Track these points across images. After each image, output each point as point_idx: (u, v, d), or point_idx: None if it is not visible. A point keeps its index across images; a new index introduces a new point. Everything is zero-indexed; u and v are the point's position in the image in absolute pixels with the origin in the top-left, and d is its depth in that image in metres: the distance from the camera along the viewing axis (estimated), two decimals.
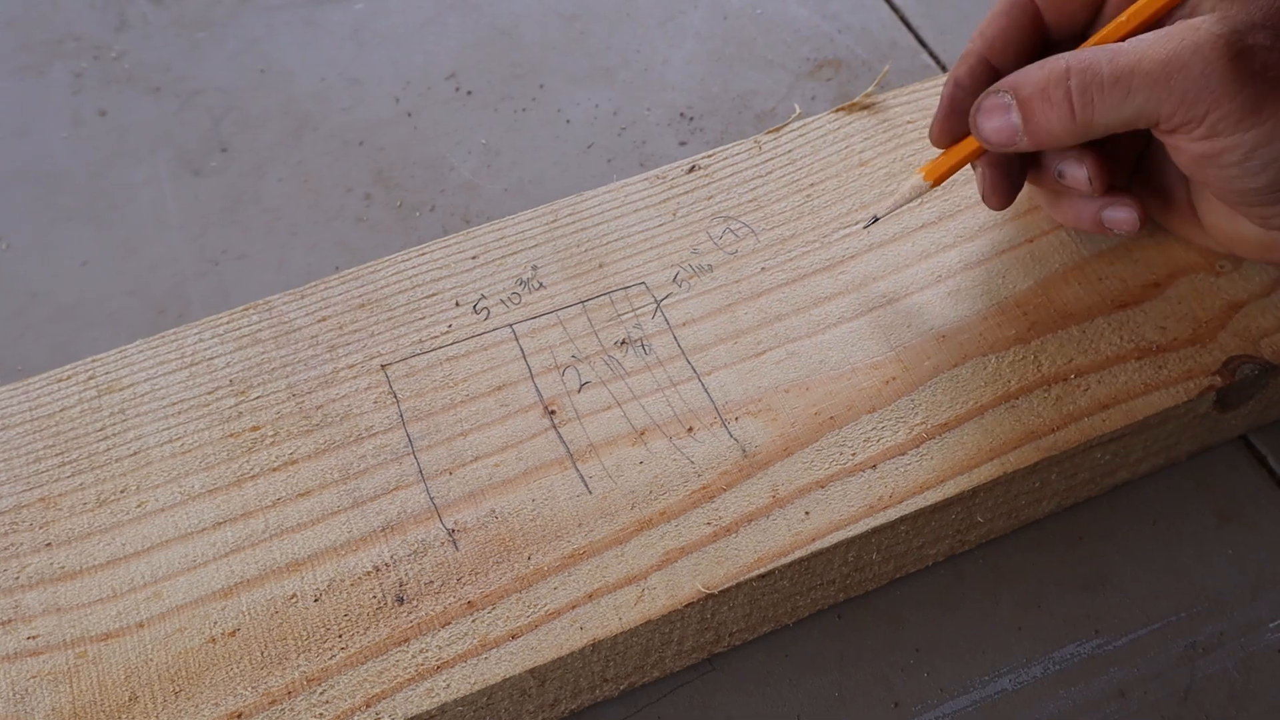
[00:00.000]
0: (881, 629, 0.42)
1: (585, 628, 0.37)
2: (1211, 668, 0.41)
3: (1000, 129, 0.39)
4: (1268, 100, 0.34)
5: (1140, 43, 0.35)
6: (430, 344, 0.44)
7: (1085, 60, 0.36)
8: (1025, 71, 0.38)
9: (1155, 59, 0.35)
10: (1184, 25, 0.35)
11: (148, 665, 0.37)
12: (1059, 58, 0.37)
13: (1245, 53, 0.34)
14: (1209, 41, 0.34)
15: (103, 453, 0.41)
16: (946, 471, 0.40)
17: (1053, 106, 0.37)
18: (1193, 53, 0.34)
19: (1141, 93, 0.35)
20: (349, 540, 0.39)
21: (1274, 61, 0.34)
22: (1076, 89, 0.36)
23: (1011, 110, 0.38)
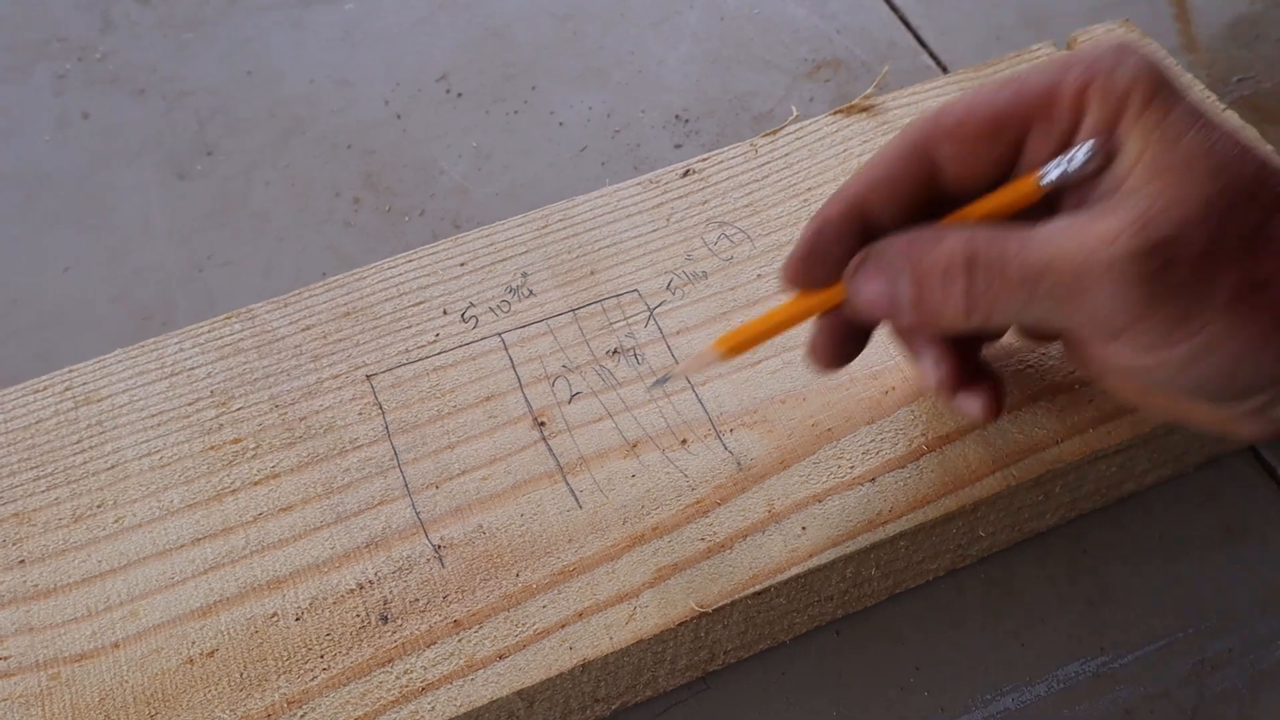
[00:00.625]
0: (880, 646, 0.41)
1: (575, 647, 0.36)
2: (1220, 685, 0.40)
3: (881, 297, 0.33)
4: (1194, 314, 0.30)
5: (1054, 238, 0.31)
6: (417, 354, 0.42)
7: (990, 248, 0.31)
8: (919, 241, 0.33)
9: (1065, 268, 0.30)
10: (1100, 226, 0.30)
11: (123, 687, 0.36)
12: (961, 235, 0.32)
13: (1166, 266, 0.29)
14: (1122, 259, 0.29)
15: (79, 466, 0.40)
16: (947, 485, 0.39)
17: (947, 296, 0.32)
18: (1105, 269, 0.29)
19: (1047, 303, 0.31)
20: (332, 557, 0.38)
21: (1205, 266, 0.30)
22: (979, 280, 0.31)
23: (899, 284, 0.33)
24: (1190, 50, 0.59)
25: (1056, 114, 0.32)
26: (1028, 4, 0.62)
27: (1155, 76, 0.31)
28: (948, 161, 0.34)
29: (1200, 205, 0.30)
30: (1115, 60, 0.32)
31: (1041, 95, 0.32)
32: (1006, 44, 0.60)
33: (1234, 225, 0.30)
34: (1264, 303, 0.30)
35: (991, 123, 0.33)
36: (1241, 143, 0.30)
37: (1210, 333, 0.30)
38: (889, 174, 0.34)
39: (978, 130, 0.33)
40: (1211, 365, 0.31)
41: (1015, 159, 0.33)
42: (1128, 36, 0.33)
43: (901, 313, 0.33)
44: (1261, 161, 0.30)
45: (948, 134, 0.33)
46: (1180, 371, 0.31)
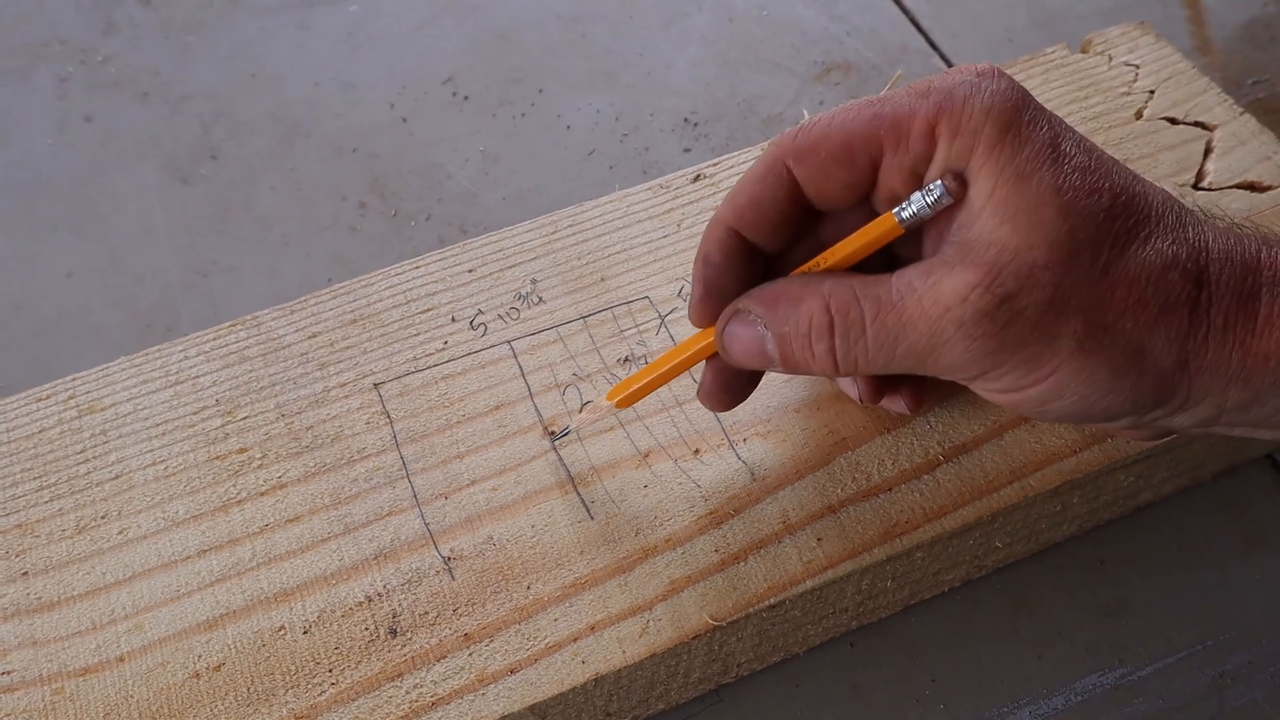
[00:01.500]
0: (896, 658, 0.41)
1: (587, 661, 0.36)
2: (1240, 699, 0.40)
3: (752, 354, 0.34)
4: (1043, 360, 0.30)
5: (905, 296, 0.31)
6: (425, 362, 0.42)
7: (849, 311, 0.32)
8: (783, 299, 0.33)
9: (919, 329, 0.31)
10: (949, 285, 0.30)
11: (128, 702, 0.35)
12: (817, 293, 0.32)
13: (1014, 320, 0.30)
14: (974, 318, 0.30)
15: (83, 476, 0.39)
16: (964, 495, 0.38)
17: (814, 355, 0.33)
18: (956, 328, 0.30)
19: (906, 360, 0.32)
20: (340, 569, 0.37)
21: (1051, 314, 0.30)
22: (839, 344, 0.32)
23: (766, 341, 0.34)
24: (1204, 52, 0.58)
25: (909, 144, 0.32)
26: (1039, 6, 0.61)
27: (1009, 110, 0.31)
28: (805, 182, 0.34)
29: (1046, 251, 0.30)
30: (968, 91, 0.31)
31: (895, 124, 0.32)
32: (1018, 46, 0.59)
33: (1080, 269, 0.30)
34: (1108, 347, 0.30)
35: (844, 148, 0.33)
36: (1092, 179, 0.30)
37: (1059, 377, 0.31)
38: (753, 196, 0.34)
39: (831, 154, 0.33)
40: (1065, 404, 0.31)
41: (871, 181, 0.33)
42: (984, 66, 0.32)
43: (773, 366, 0.34)
44: (1114, 192, 0.30)
45: (802, 156, 0.33)
46: (1038, 407, 0.32)
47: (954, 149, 0.31)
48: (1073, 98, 0.49)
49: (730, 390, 0.37)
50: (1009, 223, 0.30)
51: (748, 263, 0.35)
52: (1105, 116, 0.48)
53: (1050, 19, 0.61)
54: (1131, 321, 0.30)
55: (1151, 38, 0.51)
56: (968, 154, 0.31)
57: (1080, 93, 0.50)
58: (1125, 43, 0.51)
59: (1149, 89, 0.49)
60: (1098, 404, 0.31)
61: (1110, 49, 0.51)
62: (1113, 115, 0.49)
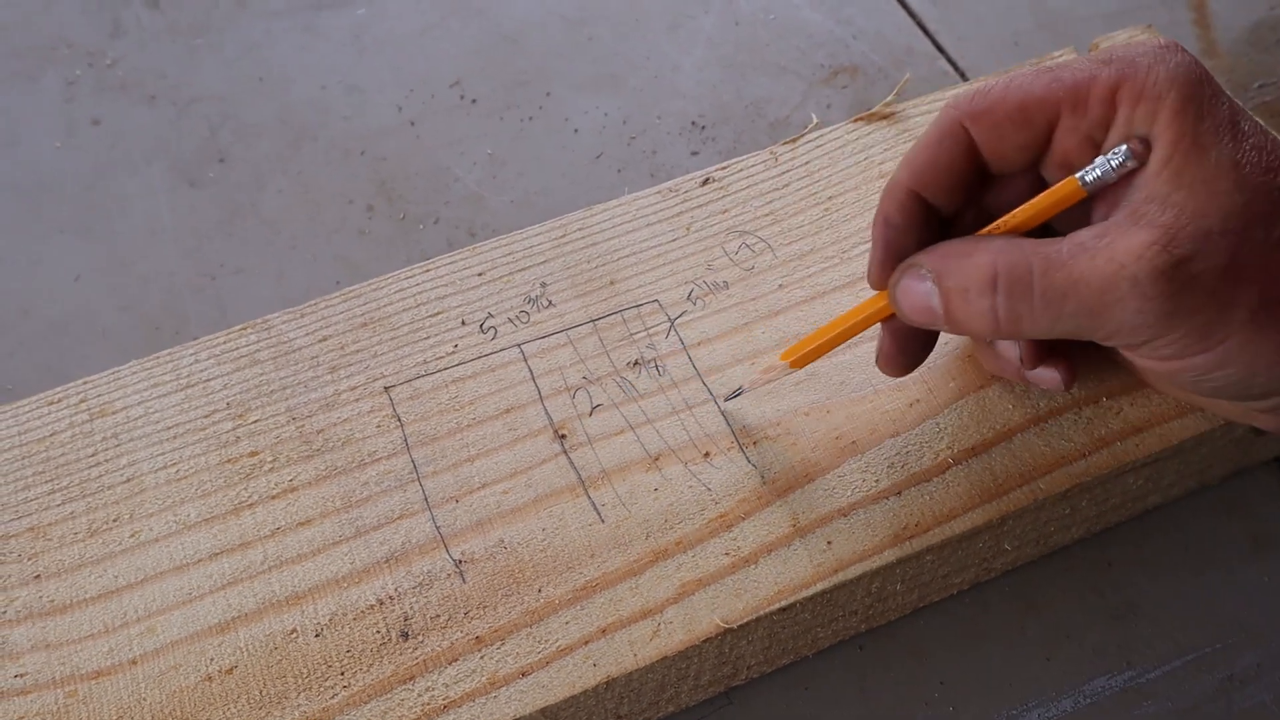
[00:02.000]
0: (905, 661, 0.41)
1: (599, 664, 0.36)
2: (1248, 701, 0.40)
3: (919, 309, 0.34)
4: (1215, 329, 0.31)
5: (1077, 255, 0.31)
6: (435, 365, 0.42)
7: (1016, 267, 0.32)
8: (952, 254, 0.34)
9: (1091, 285, 0.31)
10: (1124, 244, 0.30)
11: (141, 705, 0.35)
12: (987, 249, 0.33)
13: (1190, 283, 0.30)
14: (1149, 276, 0.30)
15: (94, 480, 0.40)
16: (974, 498, 0.38)
17: (976, 311, 0.33)
18: (1131, 286, 0.30)
19: (1073, 319, 0.32)
20: (351, 572, 0.37)
21: (1226, 282, 0.30)
22: (1003, 300, 0.32)
23: (933, 296, 0.34)
24: (1211, 55, 0.58)
25: (1088, 109, 0.33)
26: (1046, 9, 0.61)
27: (1191, 83, 0.31)
28: (981, 142, 0.35)
29: (1222, 220, 0.30)
30: (1152, 61, 0.32)
31: (1075, 88, 0.33)
32: (1025, 50, 0.59)
33: (1254, 241, 0.30)
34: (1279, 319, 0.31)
35: (1021, 110, 0.34)
36: (1269, 158, 0.31)
37: (1229, 346, 0.31)
38: (931, 159, 0.35)
39: (1008, 116, 0.34)
40: (1229, 375, 0.32)
41: (1046, 145, 0.34)
42: (1170, 41, 0.33)
43: (938, 323, 0.35)
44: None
45: (979, 117, 0.34)
46: (1199, 378, 0.33)
47: (1136, 115, 0.32)
48: None
49: (906, 353, 0.38)
50: (1185, 189, 0.30)
51: (925, 225, 0.36)
52: None
53: (1056, 22, 0.61)
54: None
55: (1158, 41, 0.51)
56: (1150, 120, 0.31)
57: None
58: None
59: None
60: (1260, 377, 0.32)
61: None
62: None
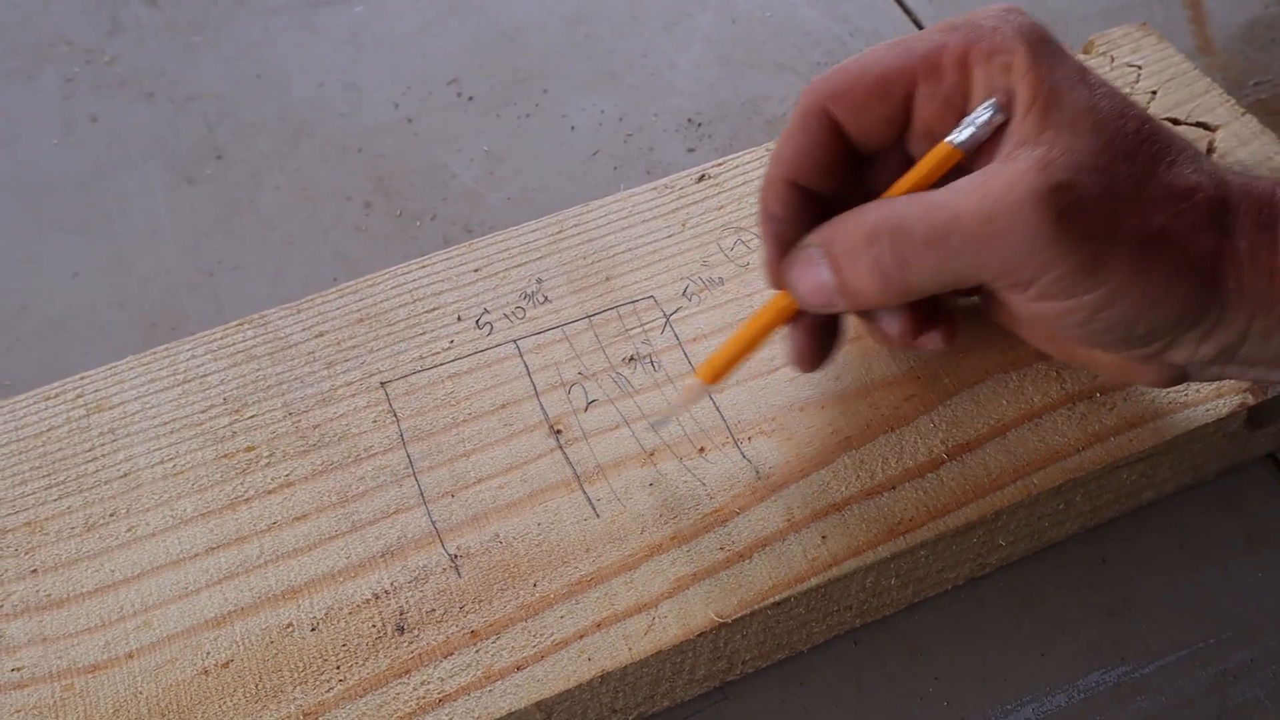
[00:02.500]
0: (899, 656, 0.41)
1: (593, 658, 0.36)
2: (1242, 696, 0.40)
3: (816, 289, 0.34)
4: (1104, 260, 0.30)
5: (957, 194, 0.31)
6: (431, 360, 0.42)
7: (895, 219, 0.32)
8: (836, 224, 0.33)
9: (972, 219, 0.30)
10: (1002, 174, 0.30)
11: (137, 699, 0.35)
12: (867, 210, 0.33)
13: (1071, 209, 0.30)
14: (1029, 201, 0.29)
15: (91, 474, 0.40)
16: (968, 494, 0.39)
17: (864, 271, 0.32)
18: (1011, 214, 0.30)
19: (960, 257, 0.31)
20: (347, 566, 0.37)
21: (1105, 213, 0.30)
22: (889, 253, 0.32)
23: (823, 269, 0.33)
24: (1206, 53, 0.58)
25: (943, 75, 0.33)
26: (1043, 7, 0.61)
27: (1038, 38, 0.32)
28: (844, 120, 0.35)
29: (1091, 155, 0.30)
30: (997, 22, 0.32)
31: (927, 56, 0.33)
32: None
33: (1122, 174, 0.31)
34: (1163, 252, 0.30)
35: (879, 84, 0.34)
36: (1121, 102, 0.32)
37: (1115, 282, 0.31)
38: (799, 145, 0.35)
39: (867, 91, 0.34)
40: (1115, 313, 0.31)
41: (907, 115, 0.34)
42: (1007, 3, 0.34)
43: (834, 300, 0.34)
44: (1140, 119, 0.31)
45: (838, 96, 0.34)
46: (1087, 319, 0.32)
47: (992, 73, 0.32)
48: None
49: (815, 343, 0.37)
50: (1051, 129, 0.31)
51: (810, 212, 0.35)
52: None
53: (1052, 20, 0.60)
54: (1176, 232, 0.30)
55: (1154, 39, 0.51)
56: (1005, 75, 0.32)
57: None
58: (1127, 44, 0.51)
59: (1151, 89, 0.49)
60: (1147, 313, 0.31)
61: (1112, 50, 0.51)
62: None
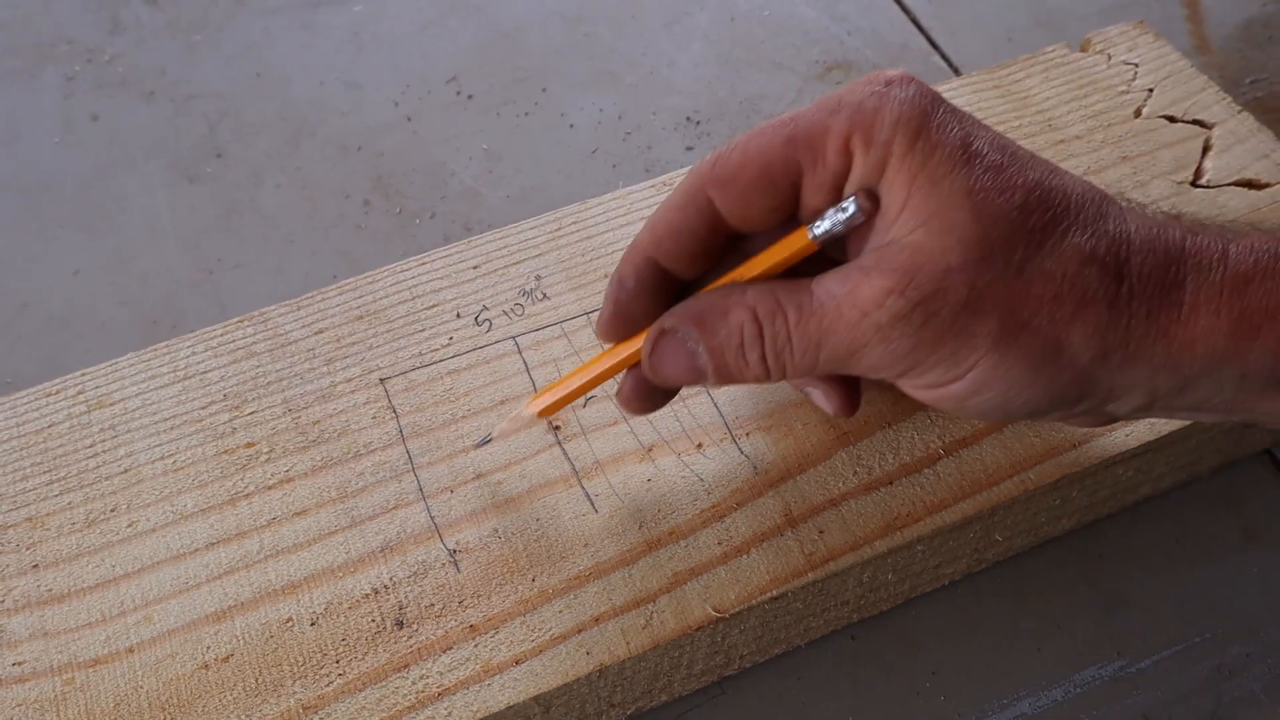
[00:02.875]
0: (896, 651, 0.41)
1: (592, 652, 0.36)
2: (1238, 690, 0.40)
3: (685, 371, 0.34)
4: (962, 357, 0.31)
5: (826, 302, 0.32)
6: (430, 357, 0.42)
7: (773, 316, 0.32)
8: (711, 313, 0.34)
9: (839, 334, 0.31)
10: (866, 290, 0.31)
11: (138, 693, 0.35)
12: (741, 304, 0.33)
13: (929, 321, 0.30)
14: (890, 321, 0.30)
15: (92, 470, 0.40)
16: (965, 489, 0.39)
17: (748, 364, 0.33)
18: (874, 333, 0.31)
19: (830, 364, 0.32)
20: (347, 561, 0.38)
21: (969, 313, 0.30)
22: (770, 350, 0.33)
23: (699, 357, 0.34)
24: (1203, 51, 0.59)
25: (826, 161, 0.32)
26: (1039, 5, 0.61)
27: (917, 117, 0.31)
28: (727, 210, 0.34)
29: (961, 253, 0.30)
30: (878, 103, 0.31)
31: (810, 144, 0.32)
32: (1019, 45, 0.59)
33: (995, 269, 0.30)
34: (1025, 343, 0.31)
35: (764, 173, 0.33)
36: (1005, 177, 0.31)
37: (978, 373, 0.31)
38: (673, 225, 0.34)
39: (751, 181, 0.33)
40: (985, 399, 0.32)
41: (794, 202, 0.33)
42: (893, 73, 0.33)
43: (707, 380, 0.34)
44: (1028, 188, 0.31)
45: (723, 185, 0.33)
46: (960, 403, 0.32)
47: (868, 162, 0.31)
48: (1072, 96, 0.50)
49: (652, 397, 0.37)
50: (922, 227, 0.30)
51: (661, 289, 0.35)
52: (1104, 115, 0.49)
53: (1050, 18, 0.61)
54: (1048, 319, 0.30)
55: (1150, 37, 0.52)
56: (881, 166, 0.31)
57: (1080, 91, 0.50)
58: (1124, 42, 0.52)
59: (1148, 87, 0.50)
60: (1017, 399, 0.32)
61: (1109, 48, 0.52)
62: (1112, 113, 0.49)
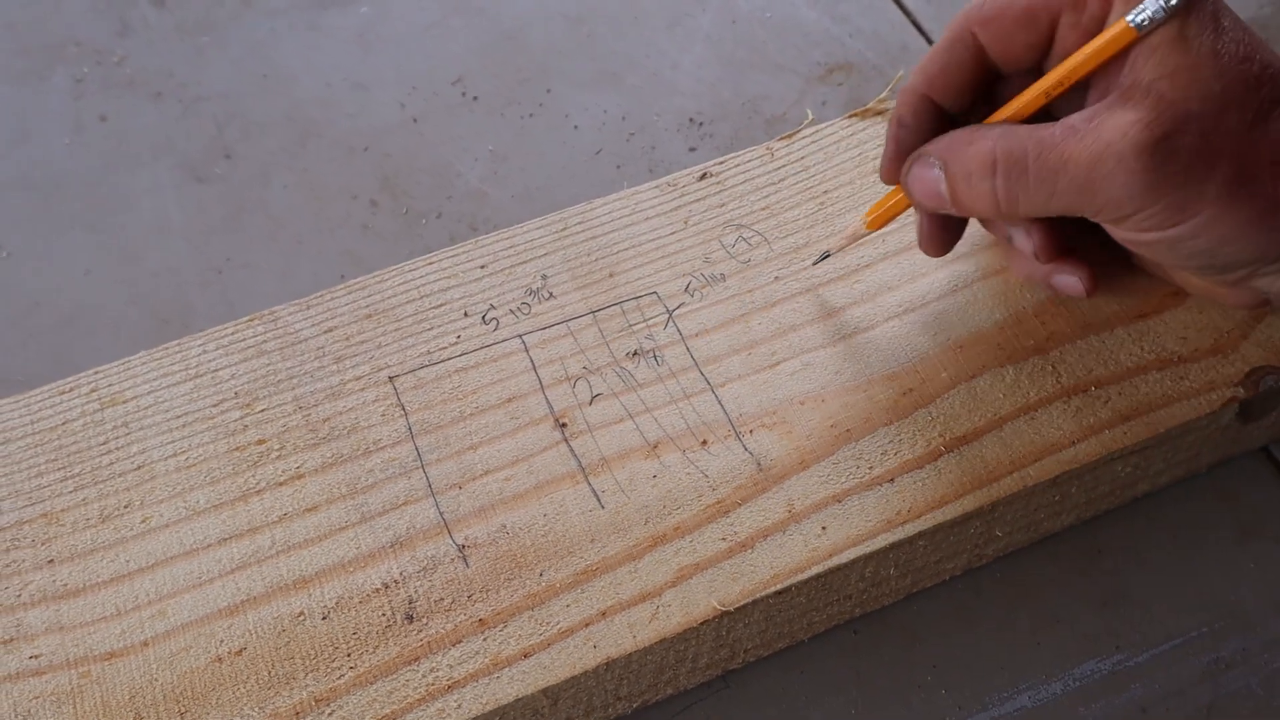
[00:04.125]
0: (898, 645, 0.41)
1: (599, 646, 0.37)
2: (1234, 684, 0.40)
3: (929, 195, 0.38)
4: (1191, 202, 0.34)
5: (1070, 137, 0.35)
6: (438, 355, 0.43)
7: (1012, 151, 0.35)
8: (956, 143, 0.37)
9: (1080, 163, 0.34)
10: (1112, 122, 0.34)
11: (153, 685, 0.36)
12: (986, 137, 0.36)
13: (1170, 158, 0.33)
14: (1133, 151, 0.33)
15: (106, 467, 0.40)
16: (965, 485, 0.39)
17: (978, 194, 0.37)
18: (1117, 162, 0.34)
19: (1066, 196, 0.35)
20: (357, 556, 0.38)
21: (1202, 160, 0.34)
22: (1001, 182, 0.36)
23: (940, 182, 0.38)
24: None
25: (1086, 5, 0.36)
26: None
27: None
28: (989, 45, 0.38)
29: (1200, 103, 0.34)
30: None
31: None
32: None
33: (1229, 123, 0.34)
34: (1251, 194, 0.34)
35: (1027, 13, 0.37)
36: (1246, 49, 0.34)
37: (1203, 218, 0.35)
38: (943, 65, 0.38)
39: (1014, 18, 0.37)
40: (1199, 244, 0.36)
41: (1049, 41, 0.37)
42: None
43: (946, 206, 0.38)
44: (1264, 64, 0.34)
45: (988, 22, 0.38)
46: (1173, 248, 0.36)
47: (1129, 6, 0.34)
48: None
49: (945, 230, 0.41)
50: (1167, 77, 0.34)
51: (935, 125, 0.39)
52: None
53: None
54: (1270, 178, 0.34)
55: None
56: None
57: None
58: None
59: None
60: (1228, 247, 0.36)
61: None
62: None
